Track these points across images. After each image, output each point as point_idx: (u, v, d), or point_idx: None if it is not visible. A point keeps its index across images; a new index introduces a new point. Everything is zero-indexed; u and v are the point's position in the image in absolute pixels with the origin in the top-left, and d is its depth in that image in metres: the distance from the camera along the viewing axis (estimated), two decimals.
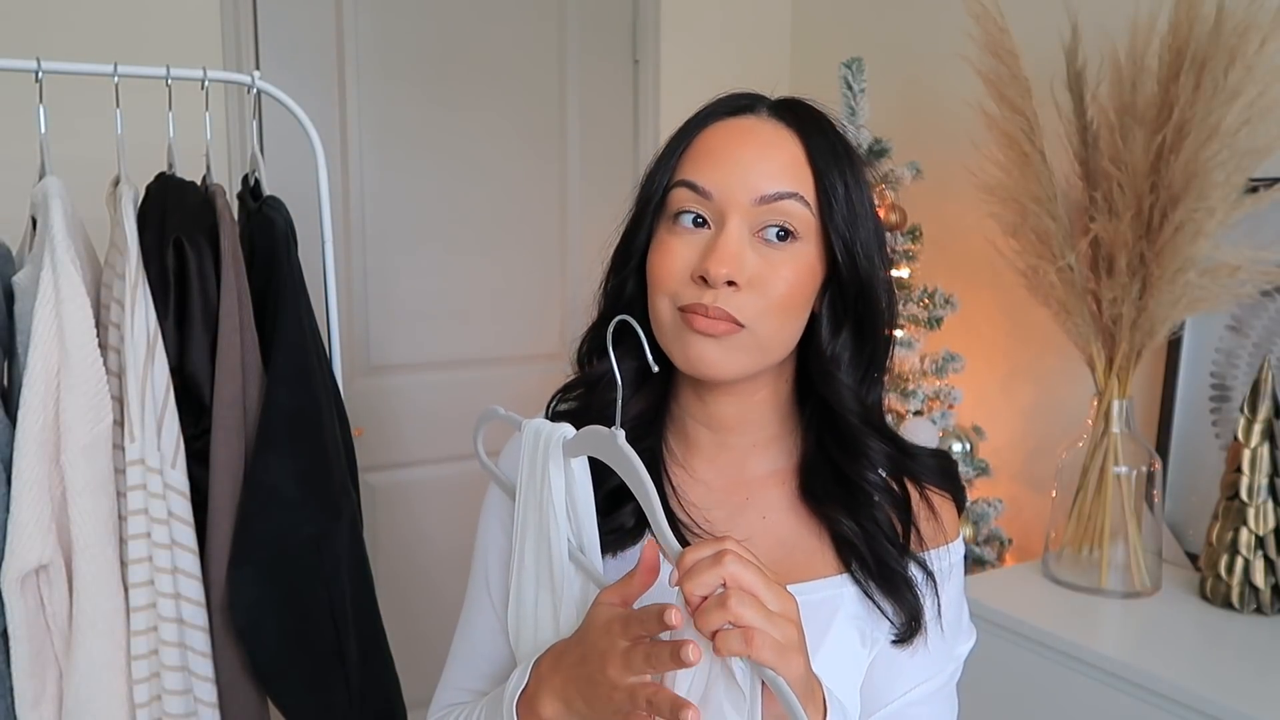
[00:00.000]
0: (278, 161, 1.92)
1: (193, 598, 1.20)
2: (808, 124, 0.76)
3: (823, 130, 0.76)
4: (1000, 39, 1.57)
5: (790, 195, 0.73)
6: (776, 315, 0.73)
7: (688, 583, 0.59)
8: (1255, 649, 1.35)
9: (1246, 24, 1.35)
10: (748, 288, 0.72)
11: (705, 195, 0.73)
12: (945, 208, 1.99)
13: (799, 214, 0.73)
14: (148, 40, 1.83)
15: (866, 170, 0.79)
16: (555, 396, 0.85)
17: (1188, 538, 1.64)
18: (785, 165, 0.74)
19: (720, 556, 0.59)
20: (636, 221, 0.79)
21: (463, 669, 0.85)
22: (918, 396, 1.85)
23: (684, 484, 0.81)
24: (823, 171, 0.74)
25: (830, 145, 0.76)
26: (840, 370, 0.78)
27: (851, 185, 0.75)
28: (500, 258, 2.27)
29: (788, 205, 0.73)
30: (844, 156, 0.76)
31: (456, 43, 2.16)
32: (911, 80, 2.15)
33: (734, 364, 0.74)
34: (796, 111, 0.77)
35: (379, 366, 2.18)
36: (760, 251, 0.73)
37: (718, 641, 0.57)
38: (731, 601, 0.57)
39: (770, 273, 0.73)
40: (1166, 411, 1.68)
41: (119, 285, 1.18)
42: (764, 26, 2.51)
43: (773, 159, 0.74)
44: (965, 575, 1.23)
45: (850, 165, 0.76)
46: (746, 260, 0.72)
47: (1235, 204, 1.40)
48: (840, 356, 0.78)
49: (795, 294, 0.74)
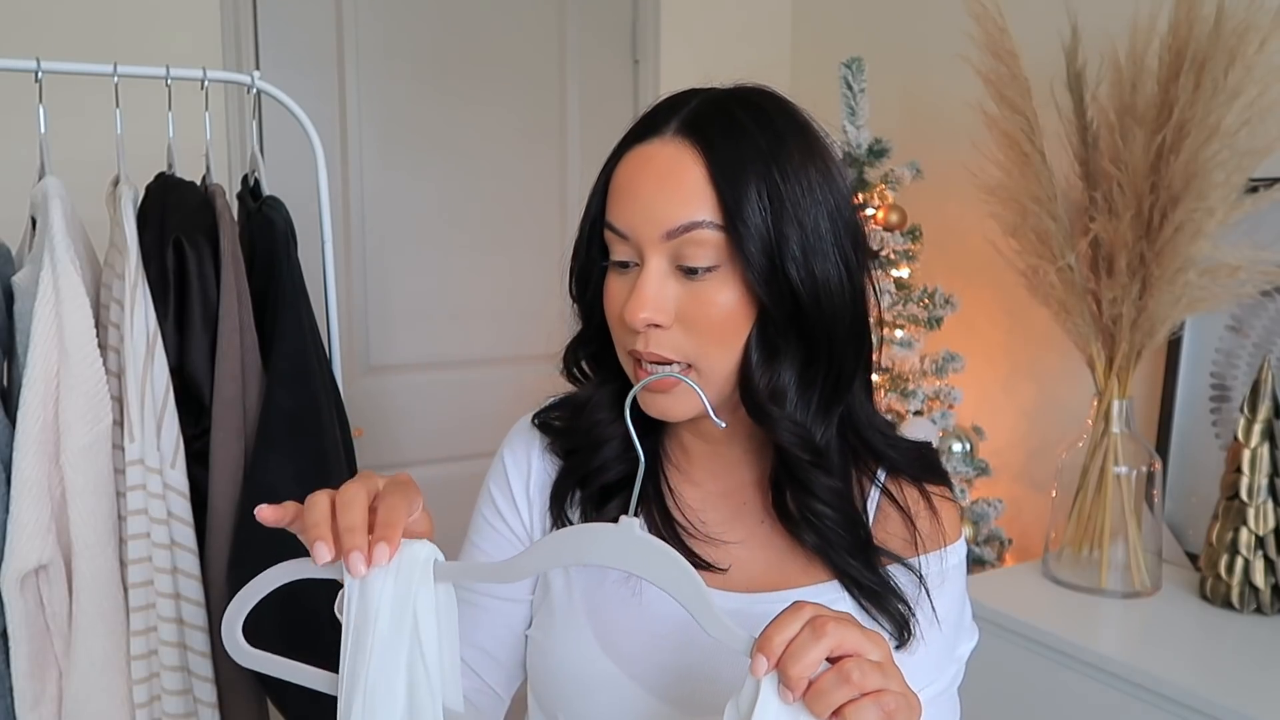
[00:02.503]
0: (278, 161, 1.92)
1: (192, 598, 1.20)
2: (717, 133, 0.69)
3: (736, 133, 0.69)
4: (1000, 39, 1.57)
5: (696, 225, 0.68)
6: (715, 347, 0.70)
7: (793, 667, 0.52)
8: (1255, 649, 1.35)
9: (1246, 24, 1.35)
10: (678, 324, 0.70)
11: (624, 236, 0.71)
12: (945, 208, 1.99)
13: (711, 240, 0.68)
14: (148, 40, 1.83)
15: (823, 154, 0.72)
16: (542, 411, 0.85)
17: (1188, 538, 1.64)
18: (688, 192, 0.68)
19: (819, 626, 0.53)
20: (576, 256, 0.78)
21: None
22: (918, 396, 1.85)
23: (680, 486, 0.80)
24: (728, 185, 0.68)
25: (746, 149, 0.68)
26: (785, 404, 0.71)
27: (782, 182, 0.68)
28: (500, 258, 2.27)
29: (697, 235, 0.68)
30: (770, 153, 0.68)
31: (457, 43, 2.16)
32: (911, 80, 2.15)
33: (691, 405, 0.72)
34: (705, 121, 0.70)
35: (379, 366, 2.18)
36: (685, 285, 0.69)
37: (851, 716, 0.52)
38: (854, 675, 0.52)
39: (697, 307, 0.69)
40: (1166, 411, 1.68)
41: (118, 285, 1.18)
42: (764, 26, 2.51)
43: (673, 188, 0.68)
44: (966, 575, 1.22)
45: (781, 159, 0.69)
46: (667, 298, 0.69)
47: (1235, 204, 1.40)
48: (782, 390, 0.71)
49: (729, 322, 0.70)
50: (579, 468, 0.81)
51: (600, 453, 0.80)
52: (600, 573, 0.79)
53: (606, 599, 0.79)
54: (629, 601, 0.78)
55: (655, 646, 0.76)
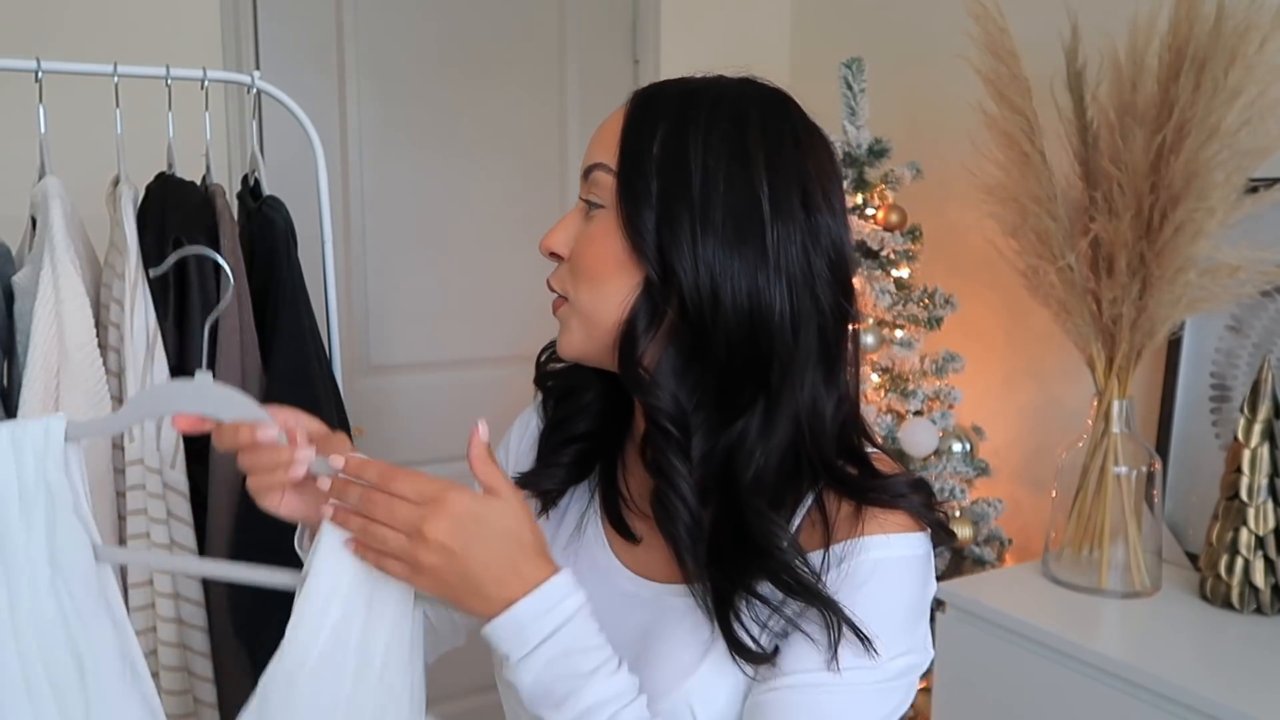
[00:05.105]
0: (278, 161, 1.92)
1: (192, 598, 1.20)
2: (649, 92, 0.73)
3: (674, 101, 0.70)
4: (1000, 39, 1.57)
5: (596, 166, 0.72)
6: (584, 284, 0.72)
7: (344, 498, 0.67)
8: (1255, 649, 1.35)
9: (1246, 24, 1.35)
10: (568, 260, 0.74)
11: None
12: (945, 208, 1.99)
13: (604, 182, 0.71)
14: (148, 40, 1.83)
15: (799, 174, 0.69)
16: (544, 353, 0.86)
17: (1188, 538, 1.64)
18: (605, 138, 0.72)
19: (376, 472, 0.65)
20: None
21: None
22: (917, 396, 1.85)
23: (631, 461, 0.82)
24: (630, 134, 0.70)
25: (660, 108, 0.70)
26: (660, 376, 0.70)
27: (687, 132, 0.68)
28: (501, 258, 2.27)
29: (596, 175, 0.72)
30: (691, 108, 0.69)
31: (456, 42, 2.16)
32: (911, 80, 2.15)
33: (568, 340, 0.75)
34: (661, 89, 0.73)
35: (379, 366, 2.18)
36: (584, 223, 0.74)
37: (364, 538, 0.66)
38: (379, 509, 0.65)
39: (580, 243, 0.73)
40: (1166, 411, 1.68)
41: (119, 285, 1.18)
42: (764, 26, 2.51)
43: (599, 135, 0.73)
44: (959, 576, 1.24)
45: (688, 122, 0.68)
46: (568, 232, 0.74)
47: (1235, 204, 1.40)
48: (659, 363, 0.70)
49: (600, 263, 0.71)
50: (556, 412, 0.85)
51: (574, 400, 0.84)
52: (555, 537, 0.83)
53: None
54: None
55: None
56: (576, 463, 0.83)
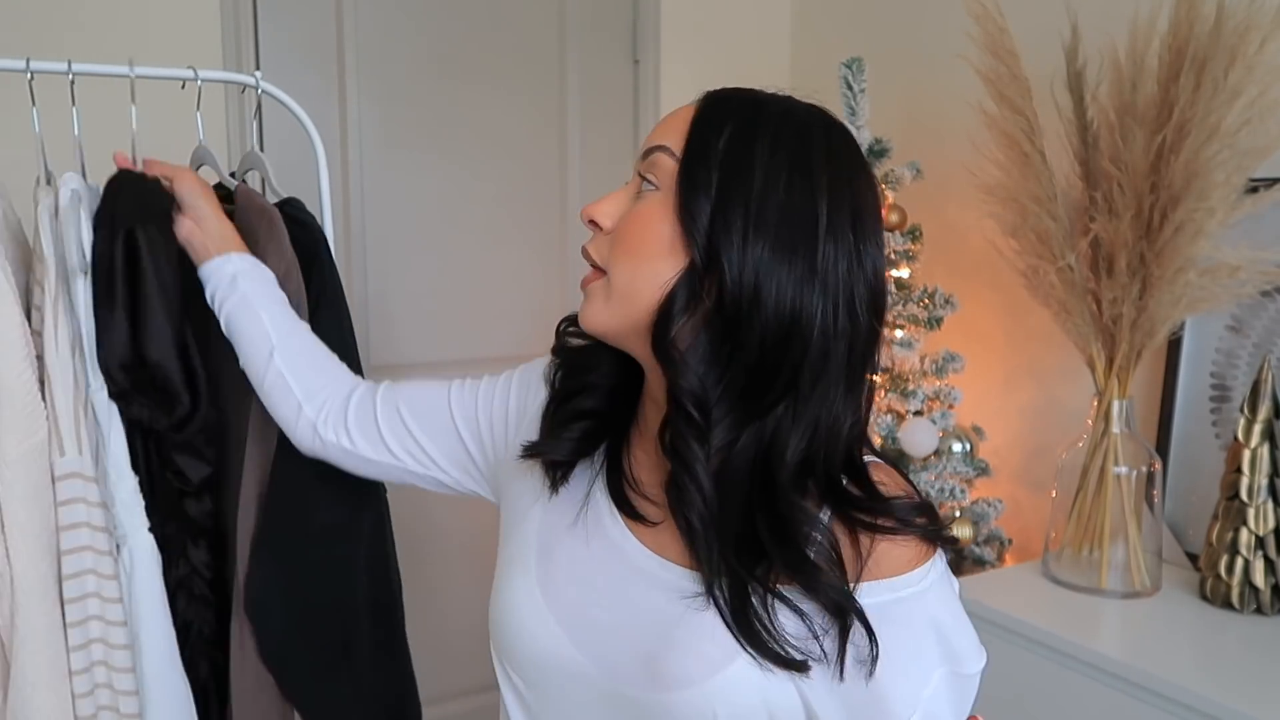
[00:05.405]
0: (277, 161, 1.91)
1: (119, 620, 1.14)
2: (722, 93, 0.75)
3: (736, 96, 0.74)
4: (1000, 39, 1.57)
5: (659, 148, 0.73)
6: (625, 258, 0.73)
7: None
8: (1255, 649, 1.35)
9: (1246, 24, 1.35)
10: (610, 232, 0.75)
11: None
12: (945, 208, 1.99)
13: (664, 164, 0.73)
14: (147, 40, 1.83)
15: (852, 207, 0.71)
16: (563, 324, 0.87)
17: (1188, 538, 1.64)
18: (670, 125, 0.74)
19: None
20: None
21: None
22: (918, 396, 1.85)
23: (636, 444, 0.82)
24: (700, 124, 0.72)
25: (732, 109, 0.72)
26: (689, 357, 0.71)
27: (754, 134, 0.70)
28: (501, 257, 2.27)
29: (656, 157, 0.73)
30: (761, 114, 0.71)
31: (456, 43, 2.16)
32: (911, 80, 2.15)
33: (594, 312, 0.75)
34: (735, 93, 0.75)
35: (379, 366, 2.18)
36: (636, 200, 0.75)
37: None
38: None
39: (629, 217, 0.74)
40: (1166, 412, 1.68)
41: (37, 293, 1.13)
42: (764, 26, 2.51)
43: (664, 124, 0.75)
44: (959, 576, 1.22)
45: (757, 126, 0.71)
46: (618, 206, 0.75)
47: (1235, 204, 1.40)
48: (690, 348, 0.71)
49: (645, 240, 0.72)
50: (564, 385, 0.86)
51: (584, 377, 0.84)
52: (565, 515, 0.83)
53: (559, 542, 0.81)
54: (576, 550, 0.80)
55: (588, 601, 0.78)
56: (582, 439, 0.83)
